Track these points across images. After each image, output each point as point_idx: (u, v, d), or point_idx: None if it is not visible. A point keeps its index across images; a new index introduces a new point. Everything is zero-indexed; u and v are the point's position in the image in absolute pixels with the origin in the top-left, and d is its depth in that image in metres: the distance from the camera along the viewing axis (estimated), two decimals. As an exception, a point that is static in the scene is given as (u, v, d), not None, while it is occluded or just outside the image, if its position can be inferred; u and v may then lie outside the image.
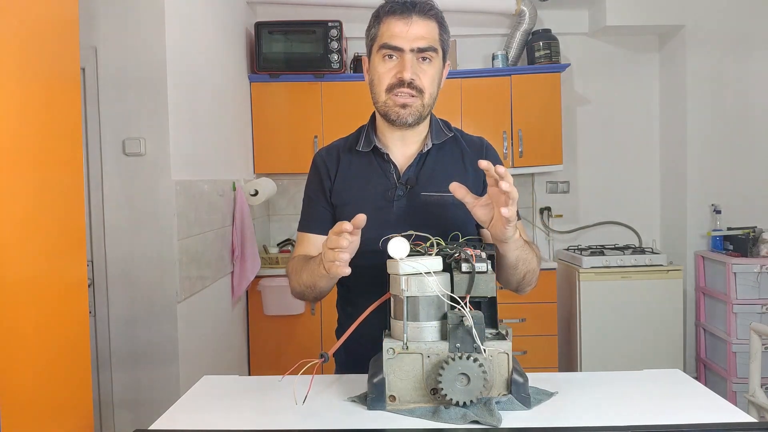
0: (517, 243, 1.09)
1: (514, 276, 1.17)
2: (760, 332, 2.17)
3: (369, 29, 1.25)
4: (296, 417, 0.94)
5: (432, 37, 1.19)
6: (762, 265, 3.10)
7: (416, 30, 1.17)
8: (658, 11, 3.48)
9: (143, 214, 2.12)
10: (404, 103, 1.20)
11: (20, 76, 1.05)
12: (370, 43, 1.24)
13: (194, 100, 2.42)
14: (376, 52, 1.22)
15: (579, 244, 3.76)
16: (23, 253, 1.04)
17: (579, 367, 3.35)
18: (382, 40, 1.19)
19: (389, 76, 1.20)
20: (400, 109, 1.21)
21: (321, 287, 1.19)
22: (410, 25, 1.17)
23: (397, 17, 1.18)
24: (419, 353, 0.93)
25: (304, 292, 1.24)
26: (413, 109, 1.21)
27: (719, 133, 3.50)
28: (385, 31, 1.19)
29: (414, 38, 1.17)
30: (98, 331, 2.12)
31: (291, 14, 3.55)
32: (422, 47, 1.18)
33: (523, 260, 1.14)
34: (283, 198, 3.79)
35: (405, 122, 1.22)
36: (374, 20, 1.23)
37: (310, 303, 3.23)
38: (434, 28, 1.20)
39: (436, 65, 1.22)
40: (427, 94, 1.21)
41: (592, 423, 0.89)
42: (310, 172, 1.37)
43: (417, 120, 1.23)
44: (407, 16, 1.17)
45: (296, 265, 1.26)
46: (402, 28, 1.17)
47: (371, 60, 1.25)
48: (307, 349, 3.20)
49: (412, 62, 1.18)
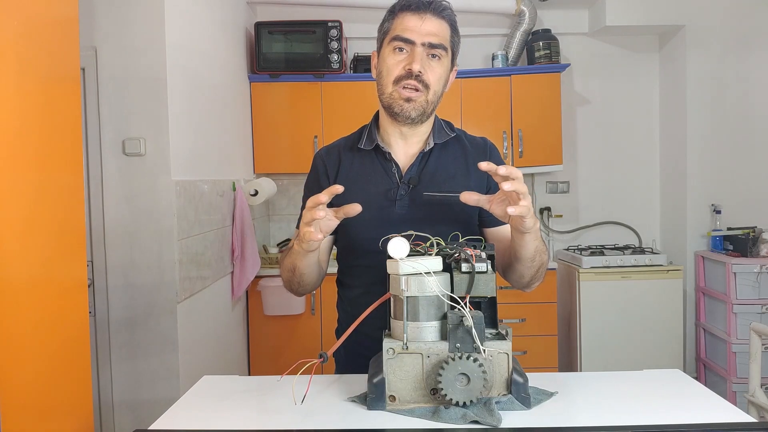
0: (536, 234, 1.11)
1: (530, 269, 1.18)
2: (760, 332, 2.16)
3: (382, 24, 1.26)
4: (296, 417, 0.94)
5: (443, 36, 1.21)
6: (762, 265, 3.10)
7: (429, 26, 1.19)
8: (658, 11, 3.48)
9: (143, 215, 2.12)
10: (409, 97, 1.21)
11: (20, 76, 1.05)
12: (382, 36, 1.26)
13: (194, 100, 2.42)
14: (387, 44, 1.23)
15: (579, 244, 3.76)
16: (23, 253, 1.04)
17: (579, 367, 3.35)
18: (395, 32, 1.21)
19: (398, 68, 1.21)
20: (404, 103, 1.21)
21: (300, 268, 1.21)
22: (424, 20, 1.19)
23: (411, 12, 1.20)
24: (419, 353, 0.93)
25: (290, 278, 1.26)
26: (417, 104, 1.21)
27: (719, 133, 3.50)
28: (399, 25, 1.21)
29: (426, 33, 1.19)
30: (98, 332, 2.12)
31: (291, 14, 3.56)
32: (433, 43, 1.19)
33: (540, 252, 1.16)
34: (283, 198, 3.79)
35: (408, 116, 1.22)
36: (389, 15, 1.25)
37: (309, 302, 3.23)
38: (446, 29, 1.22)
39: (444, 64, 1.23)
40: (432, 91, 1.22)
41: (592, 423, 0.89)
42: (309, 172, 1.38)
43: (420, 115, 1.23)
44: (422, 12, 1.19)
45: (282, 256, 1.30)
46: (415, 23, 1.19)
47: (381, 52, 1.26)
48: (307, 349, 3.20)
49: (422, 56, 1.19)
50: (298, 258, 1.19)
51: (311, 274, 1.24)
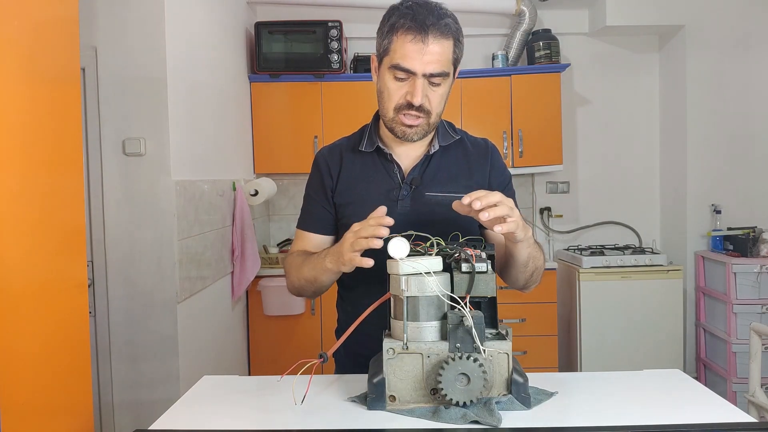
0: (528, 242, 1.11)
1: (523, 274, 1.19)
2: (760, 332, 2.16)
3: (381, 36, 1.19)
4: (296, 417, 0.94)
5: (446, 59, 1.16)
6: (762, 265, 3.10)
7: (431, 53, 1.13)
8: (658, 11, 3.48)
9: (143, 214, 2.12)
10: (411, 123, 1.20)
11: (20, 76, 1.05)
12: (382, 53, 1.20)
13: (194, 100, 2.42)
14: (387, 68, 1.18)
15: (579, 244, 3.76)
16: (23, 253, 1.04)
17: (579, 367, 3.35)
18: (395, 59, 1.15)
19: (398, 96, 1.18)
20: (406, 129, 1.21)
21: (322, 282, 1.20)
22: (426, 46, 1.12)
23: (412, 36, 1.13)
24: (419, 353, 0.93)
25: (303, 286, 1.25)
26: (419, 128, 1.21)
27: (719, 133, 3.50)
28: (398, 49, 1.14)
29: (427, 62, 1.13)
30: (98, 332, 2.12)
31: (291, 14, 3.55)
32: (434, 72, 1.15)
33: (534, 258, 1.17)
34: (283, 198, 3.79)
35: (410, 139, 1.23)
36: (389, 28, 1.17)
37: (309, 302, 3.23)
38: (449, 47, 1.16)
39: (446, 84, 1.21)
40: (434, 114, 1.21)
41: (592, 423, 0.89)
42: (311, 171, 1.38)
43: (422, 137, 1.24)
44: (423, 36, 1.12)
45: (295, 261, 1.27)
46: (416, 50, 1.13)
47: (381, 72, 1.21)
48: (307, 349, 3.20)
49: (423, 86, 1.15)
50: (326, 276, 1.17)
51: (330, 283, 1.24)
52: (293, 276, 1.27)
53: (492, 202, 1.00)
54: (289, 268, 1.29)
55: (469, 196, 0.99)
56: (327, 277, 1.18)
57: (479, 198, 0.99)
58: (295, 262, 1.26)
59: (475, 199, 0.98)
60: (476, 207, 0.98)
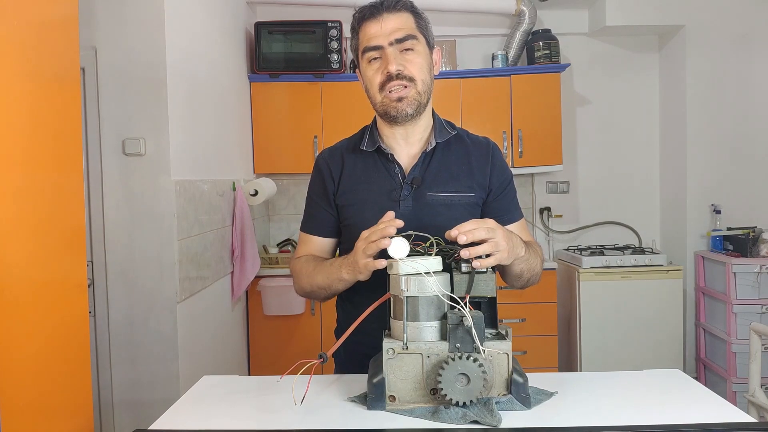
0: (520, 260, 1.12)
1: (519, 281, 1.22)
2: (760, 332, 2.17)
3: (351, 43, 1.29)
4: (296, 417, 0.94)
5: (408, 26, 1.22)
6: (762, 265, 3.10)
7: (389, 24, 1.21)
8: (657, 11, 3.48)
9: (143, 215, 2.12)
10: (399, 96, 1.21)
11: (20, 76, 1.05)
12: (356, 54, 1.28)
13: (194, 100, 2.42)
14: (362, 60, 1.25)
15: (579, 244, 3.76)
16: (23, 253, 1.04)
17: (579, 367, 3.35)
18: (363, 45, 1.23)
19: (378, 75, 1.22)
20: (397, 104, 1.22)
21: (337, 288, 1.22)
22: (382, 22, 1.20)
23: (369, 19, 1.22)
24: (419, 353, 0.93)
25: (315, 291, 1.26)
26: (409, 99, 1.22)
27: (719, 132, 3.50)
28: (363, 36, 1.23)
29: (389, 32, 1.20)
30: (98, 332, 2.12)
31: (291, 14, 3.55)
32: (399, 38, 1.20)
33: (528, 269, 1.18)
34: (283, 198, 3.79)
35: (405, 114, 1.23)
36: (353, 33, 1.27)
37: (309, 302, 3.23)
38: (408, 18, 1.23)
39: (421, 52, 1.23)
40: (419, 81, 1.22)
41: (592, 423, 0.89)
42: (313, 174, 1.38)
43: (416, 109, 1.24)
44: (378, 14, 1.21)
45: (305, 267, 1.28)
46: (376, 27, 1.21)
47: (360, 68, 1.28)
48: (307, 349, 3.20)
49: (394, 54, 1.20)
50: (342, 284, 1.19)
51: (344, 290, 1.24)
52: (304, 282, 1.28)
53: (477, 237, 0.98)
54: (299, 274, 1.30)
55: (457, 229, 0.98)
56: (342, 286, 1.20)
57: (464, 233, 0.98)
58: (306, 269, 1.28)
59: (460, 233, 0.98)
60: (461, 242, 0.98)
